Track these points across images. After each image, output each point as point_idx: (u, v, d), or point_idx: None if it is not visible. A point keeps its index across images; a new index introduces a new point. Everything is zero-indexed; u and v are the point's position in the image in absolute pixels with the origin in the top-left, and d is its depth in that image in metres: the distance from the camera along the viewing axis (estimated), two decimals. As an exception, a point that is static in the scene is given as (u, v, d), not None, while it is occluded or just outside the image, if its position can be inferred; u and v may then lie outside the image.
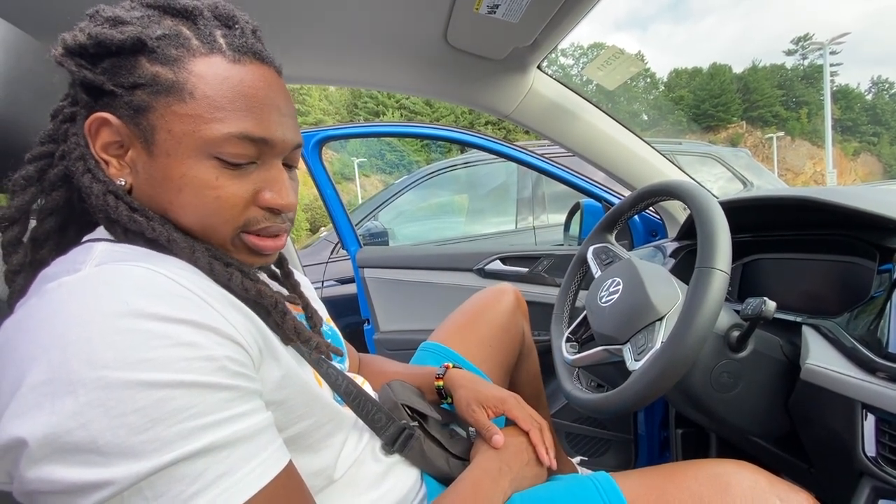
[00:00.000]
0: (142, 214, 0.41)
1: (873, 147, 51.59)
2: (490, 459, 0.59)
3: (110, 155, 0.42)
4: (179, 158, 0.40)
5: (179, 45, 0.40)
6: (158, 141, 0.40)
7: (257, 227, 0.44)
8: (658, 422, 1.23)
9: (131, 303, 0.33)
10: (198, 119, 0.40)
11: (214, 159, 0.41)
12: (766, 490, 0.50)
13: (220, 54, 0.41)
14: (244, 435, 0.35)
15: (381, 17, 0.88)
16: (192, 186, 0.41)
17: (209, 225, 0.42)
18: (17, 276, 0.42)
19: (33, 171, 0.42)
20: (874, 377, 0.53)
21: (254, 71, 0.42)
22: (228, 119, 0.40)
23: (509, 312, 0.91)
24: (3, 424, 0.31)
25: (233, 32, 0.42)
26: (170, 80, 0.39)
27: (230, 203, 0.42)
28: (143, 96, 0.40)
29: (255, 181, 0.43)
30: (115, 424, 0.30)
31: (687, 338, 0.53)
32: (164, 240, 0.41)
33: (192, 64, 0.40)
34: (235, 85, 0.41)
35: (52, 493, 0.30)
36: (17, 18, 0.51)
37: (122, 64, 0.40)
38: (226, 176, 0.41)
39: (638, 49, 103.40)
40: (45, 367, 0.31)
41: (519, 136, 21.87)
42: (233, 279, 0.42)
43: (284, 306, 0.46)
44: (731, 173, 3.10)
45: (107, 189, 0.41)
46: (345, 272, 2.03)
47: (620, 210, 0.83)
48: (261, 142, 0.42)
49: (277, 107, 0.43)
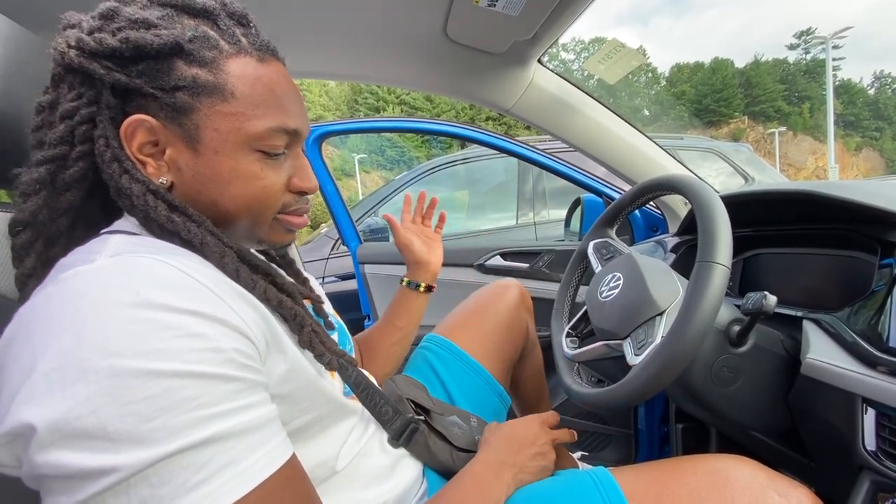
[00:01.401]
0: (181, 214, 0.42)
1: (875, 142, 51.39)
2: (494, 452, 0.59)
3: (145, 155, 0.43)
4: (227, 154, 0.43)
5: (212, 48, 0.42)
6: (204, 139, 0.43)
7: (291, 209, 0.50)
8: (658, 417, 1.23)
9: (143, 293, 0.34)
10: (241, 117, 0.43)
11: (257, 152, 0.44)
12: (765, 484, 0.51)
13: (248, 55, 0.44)
14: (249, 426, 0.35)
15: (380, 11, 0.88)
16: (242, 179, 0.44)
17: (255, 211, 0.47)
18: (29, 279, 0.43)
19: (45, 174, 0.41)
20: (874, 371, 0.53)
21: (276, 68, 0.46)
22: (267, 115, 0.44)
23: (513, 308, 0.91)
24: (14, 409, 0.31)
25: (250, 32, 0.45)
26: (210, 81, 0.42)
27: (273, 191, 0.47)
28: (184, 98, 0.41)
29: (287, 169, 0.48)
30: (125, 412, 0.31)
31: (687, 332, 0.53)
32: (198, 241, 0.42)
33: (227, 65, 0.43)
34: (266, 83, 0.44)
35: (60, 478, 0.31)
36: (13, 12, 0.51)
37: (159, 67, 0.41)
38: (268, 167, 0.46)
39: (639, 44, 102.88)
40: (58, 353, 0.31)
41: (520, 132, 21.82)
42: (257, 286, 0.44)
43: (303, 319, 0.48)
44: (732, 168, 3.09)
45: (147, 189, 0.42)
46: (345, 268, 2.03)
47: (621, 205, 0.83)
48: (293, 133, 0.46)
49: (296, 98, 0.48)
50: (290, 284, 0.50)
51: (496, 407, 0.83)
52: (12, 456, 0.32)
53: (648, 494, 0.53)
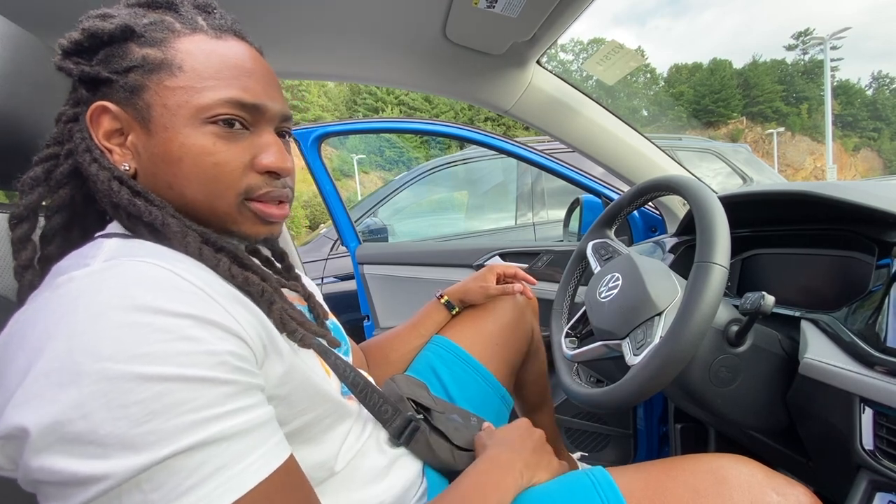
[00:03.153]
0: (142, 198, 0.43)
1: (873, 142, 51.50)
2: (497, 449, 0.59)
3: (112, 143, 0.44)
4: (176, 129, 0.43)
5: (164, 29, 0.43)
6: (155, 117, 0.43)
7: (259, 193, 0.46)
8: (657, 417, 1.23)
9: (136, 297, 0.34)
10: (189, 90, 0.42)
11: (209, 125, 0.43)
12: (763, 484, 0.51)
13: (203, 33, 0.45)
14: (243, 429, 0.35)
15: (379, 11, 0.88)
16: (191, 155, 0.43)
17: (212, 192, 0.44)
18: (27, 271, 0.44)
19: (41, 172, 0.44)
20: (872, 371, 0.53)
21: (236, 45, 0.46)
22: (218, 87, 0.43)
23: (519, 309, 0.91)
24: (7, 412, 0.31)
25: (212, 16, 0.47)
26: (159, 58, 0.42)
27: (229, 168, 0.44)
28: (136, 77, 0.42)
29: (250, 147, 0.46)
30: (116, 416, 0.31)
31: (685, 333, 0.53)
32: (159, 223, 0.42)
33: (178, 42, 0.43)
34: (220, 57, 0.44)
35: (53, 484, 0.31)
36: (16, 15, 0.52)
37: (115, 52, 0.43)
38: (222, 142, 0.44)
39: (637, 44, 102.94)
40: (51, 357, 0.31)
41: (519, 133, 21.81)
42: (220, 265, 0.43)
43: (271, 295, 0.46)
44: (730, 168, 3.10)
45: (112, 175, 0.43)
46: (344, 269, 2.03)
47: (620, 205, 0.83)
48: (251, 108, 0.45)
49: (262, 77, 0.46)
50: (257, 266, 0.47)
51: (498, 408, 0.83)
52: (7, 459, 0.33)
53: (646, 493, 0.52)
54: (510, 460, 0.57)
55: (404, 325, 0.88)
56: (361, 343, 0.87)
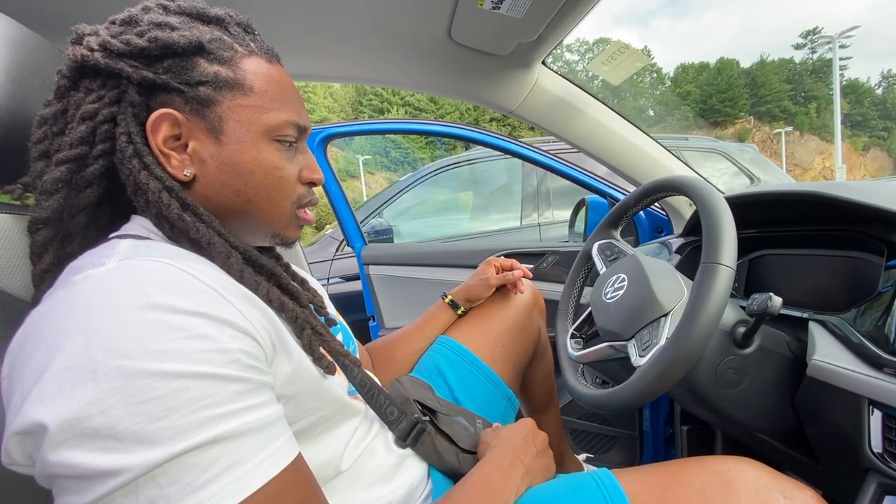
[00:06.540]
0: (192, 213, 0.44)
1: (883, 142, 50.91)
2: (500, 453, 0.59)
3: (169, 149, 0.45)
4: (250, 143, 0.46)
5: (228, 48, 0.46)
6: (228, 130, 0.46)
7: (305, 202, 0.53)
8: (663, 418, 1.23)
9: (151, 296, 0.35)
10: (260, 109, 0.47)
11: (275, 142, 0.48)
12: (771, 486, 0.50)
13: (258, 56, 0.48)
14: (255, 426, 0.36)
15: (385, 13, 0.88)
16: (263, 168, 0.47)
17: (274, 200, 0.49)
18: (46, 275, 0.44)
19: (66, 173, 0.43)
20: (881, 373, 0.53)
21: (281, 70, 0.50)
22: (282, 109, 0.48)
23: (526, 310, 0.90)
24: (26, 408, 0.32)
25: (256, 38, 0.50)
26: (230, 77, 0.45)
27: (290, 181, 0.50)
28: (208, 92, 0.45)
29: (298, 162, 0.51)
30: (133, 411, 0.31)
31: (692, 334, 0.53)
32: (205, 242, 0.43)
33: (242, 63, 0.46)
34: (277, 81, 0.48)
35: (71, 478, 0.31)
36: (24, 16, 0.52)
37: (183, 64, 0.44)
38: (285, 158, 0.49)
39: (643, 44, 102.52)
40: (69, 354, 0.32)
41: (524, 133, 21.78)
42: (260, 288, 0.45)
43: (303, 323, 0.49)
44: (736, 168, 3.07)
45: (163, 186, 0.44)
46: (350, 269, 2.04)
47: (626, 206, 0.83)
48: (303, 129, 0.51)
49: (300, 99, 0.52)
50: (294, 287, 0.51)
51: (504, 410, 0.83)
52: (24, 454, 0.33)
53: (652, 495, 0.52)
54: (513, 465, 0.58)
55: (410, 326, 0.88)
56: (367, 344, 0.87)
